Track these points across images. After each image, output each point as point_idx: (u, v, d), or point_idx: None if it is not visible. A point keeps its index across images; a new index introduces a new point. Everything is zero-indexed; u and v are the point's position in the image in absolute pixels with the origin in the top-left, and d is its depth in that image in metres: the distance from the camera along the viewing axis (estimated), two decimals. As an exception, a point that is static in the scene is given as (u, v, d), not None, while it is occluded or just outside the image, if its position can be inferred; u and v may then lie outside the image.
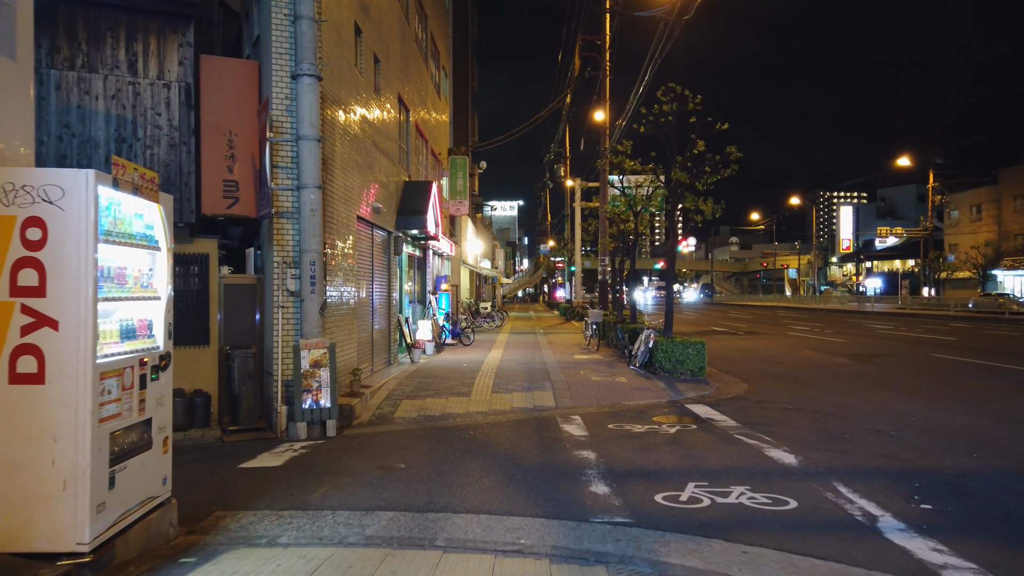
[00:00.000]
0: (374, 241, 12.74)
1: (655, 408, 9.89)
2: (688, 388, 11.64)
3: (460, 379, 12.33)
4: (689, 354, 12.97)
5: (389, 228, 13.73)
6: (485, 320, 27.55)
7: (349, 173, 10.58)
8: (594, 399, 10.54)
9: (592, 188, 36.44)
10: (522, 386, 11.59)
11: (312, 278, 8.29)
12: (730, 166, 13.52)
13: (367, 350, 12.16)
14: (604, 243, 22.32)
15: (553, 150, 44.11)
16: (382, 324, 13.38)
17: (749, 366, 15.13)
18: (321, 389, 8.19)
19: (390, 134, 13.86)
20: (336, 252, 9.84)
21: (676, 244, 14.35)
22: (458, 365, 14.37)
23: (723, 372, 13.90)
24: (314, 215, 8.30)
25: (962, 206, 63.65)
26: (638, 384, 11.96)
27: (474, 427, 8.56)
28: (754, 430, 8.15)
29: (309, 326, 8.32)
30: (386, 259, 13.78)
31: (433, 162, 21.26)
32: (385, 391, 11.00)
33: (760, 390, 11.65)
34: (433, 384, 11.74)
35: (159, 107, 8.40)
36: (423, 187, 15.39)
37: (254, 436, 8.48)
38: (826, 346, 19.81)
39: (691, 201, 13.59)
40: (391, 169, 13.97)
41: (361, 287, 11.67)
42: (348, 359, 10.38)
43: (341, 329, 10.04)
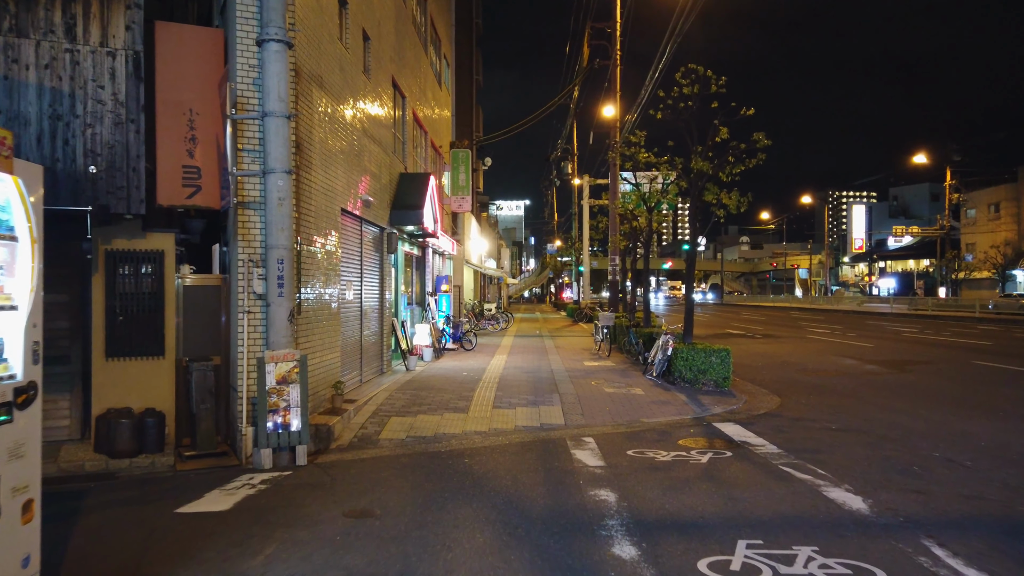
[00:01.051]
0: (364, 238, 11.51)
1: (679, 427, 8.62)
2: (713, 402, 10.37)
3: (458, 391, 11.09)
4: (712, 363, 11.70)
5: (382, 224, 12.51)
6: (489, 322, 26.30)
7: (332, 161, 9.36)
8: (608, 416, 9.29)
9: (601, 185, 35.18)
10: (527, 399, 10.34)
11: (280, 279, 7.06)
12: (757, 155, 12.26)
13: (354, 358, 10.94)
14: (615, 241, 21.06)
15: (560, 146, 42.85)
16: (373, 329, 12.15)
17: (774, 374, 13.83)
18: (290, 409, 6.96)
19: (383, 121, 12.64)
20: (315, 249, 8.61)
21: (697, 241, 13.09)
22: (457, 374, 13.14)
23: (747, 382, 12.63)
24: (282, 205, 7.08)
25: (980, 204, 62.01)
26: (656, 397, 10.69)
27: (470, 453, 7.31)
28: (801, 458, 6.87)
29: (276, 335, 7.08)
30: (378, 257, 12.55)
31: (434, 156, 20.03)
32: (373, 406, 9.77)
33: (794, 404, 10.37)
34: (428, 397, 10.50)
35: (102, 79, 7.18)
36: (420, 179, 14.16)
37: (213, 463, 7.26)
38: (853, 351, 18.48)
39: (714, 193, 12.31)
40: (384, 160, 12.75)
41: (347, 288, 10.44)
42: (329, 370, 9.15)
43: (321, 336, 8.82)
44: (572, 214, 45.32)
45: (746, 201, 12.23)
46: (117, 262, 7.58)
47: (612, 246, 21.71)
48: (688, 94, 12.19)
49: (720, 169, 12.34)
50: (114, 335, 7.53)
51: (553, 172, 48.03)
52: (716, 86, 12.09)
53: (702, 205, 13.07)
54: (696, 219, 13.01)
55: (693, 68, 12.24)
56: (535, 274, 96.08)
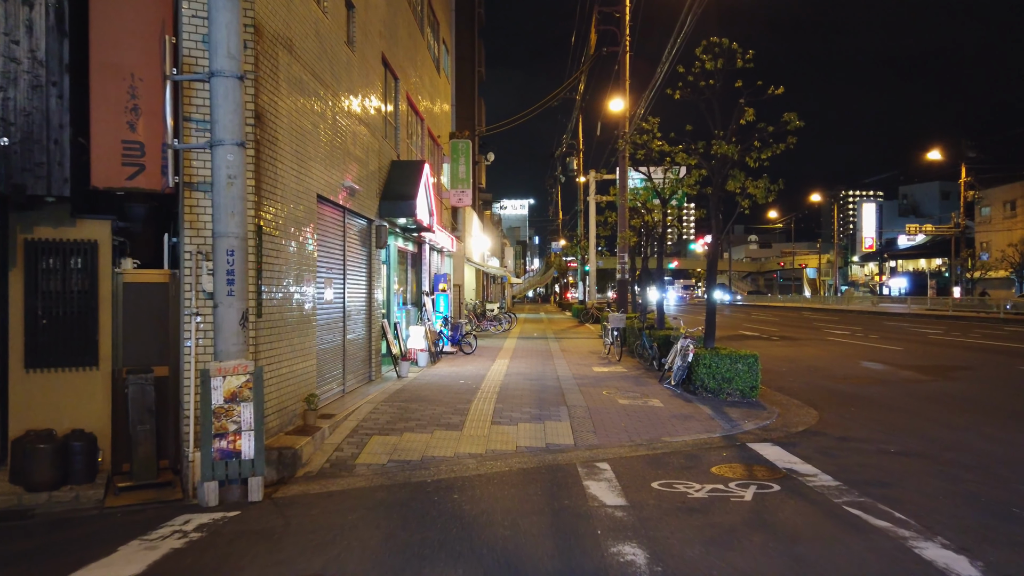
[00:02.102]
0: (348, 230, 10.26)
1: (708, 449, 7.35)
2: (742, 416, 9.10)
3: (453, 402, 9.83)
4: (739, 370, 10.42)
5: (369, 215, 11.26)
6: (491, 323, 25.04)
7: (305, 139, 8.11)
8: (625, 433, 8.02)
9: (608, 180, 33.88)
10: (531, 413, 9.07)
11: (230, 274, 5.81)
12: (787, 139, 10.97)
13: (335, 366, 9.68)
14: (624, 236, 19.78)
15: (565, 141, 41.58)
16: (359, 333, 10.90)
17: (802, 382, 12.54)
18: (241, 433, 5.71)
19: (371, 102, 11.39)
20: (282, 240, 7.36)
21: (719, 235, 11.79)
22: (454, 381, 11.87)
23: (775, 391, 11.35)
24: (232, 184, 5.83)
25: (995, 202, 60.44)
26: (677, 410, 9.41)
27: (462, 484, 6.05)
28: (867, 495, 5.59)
29: (225, 342, 5.83)
30: (365, 252, 11.30)
31: (431, 147, 18.79)
32: (353, 421, 8.51)
33: (836, 420, 9.08)
34: (418, 411, 9.23)
35: (16, 32, 5.95)
36: (413, 167, 12.90)
37: (152, 497, 6.03)
38: (882, 355, 17.16)
39: (739, 181, 11.01)
40: (372, 144, 11.50)
41: (327, 287, 9.20)
42: (302, 381, 7.90)
43: (290, 342, 7.56)
44: (577, 211, 44.05)
45: (776, 189, 10.93)
46: (40, 254, 6.34)
47: (621, 242, 20.42)
48: (711, 70, 10.92)
49: (746, 154, 11.07)
50: (36, 342, 6.29)
51: (558, 169, 46.77)
52: (742, 60, 10.81)
53: (725, 195, 11.78)
54: (719, 210, 11.71)
55: (716, 41, 10.97)
56: (539, 274, 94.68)
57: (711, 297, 11.81)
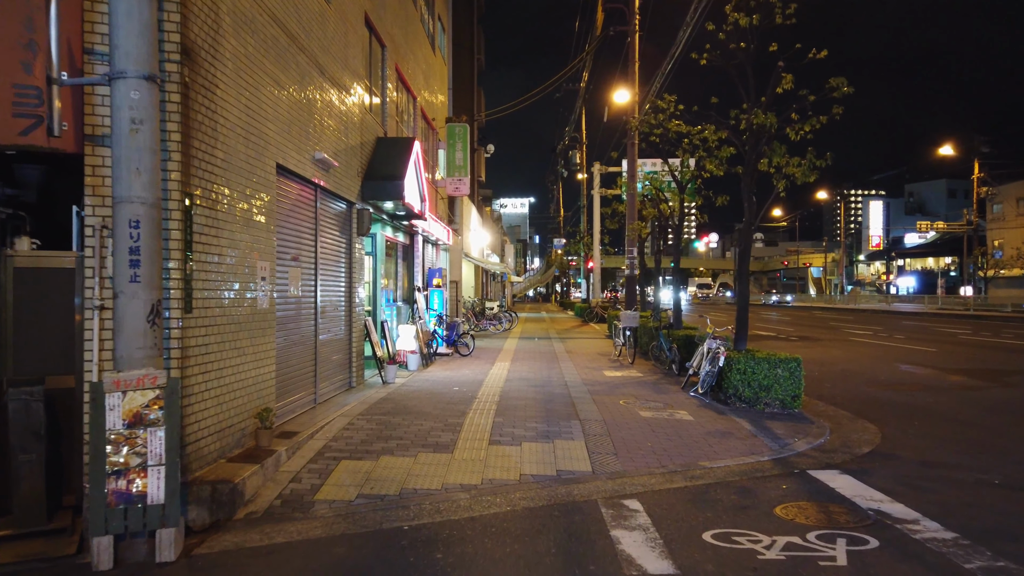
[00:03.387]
0: (321, 212, 8.74)
1: (761, 478, 5.84)
2: (789, 432, 7.59)
3: (445, 414, 8.30)
4: (779, 377, 8.92)
5: (349, 197, 9.74)
6: (491, 323, 23.51)
7: (259, 94, 6.59)
8: (653, 456, 6.51)
9: (613, 174, 32.40)
10: (536, 429, 7.55)
11: (134, 253, 4.30)
12: (831, 109, 9.46)
13: (304, 372, 8.17)
14: (635, 228, 18.24)
15: (568, 134, 40.04)
16: (336, 332, 9.38)
17: (842, 388, 11.04)
18: (147, 470, 4.20)
19: (351, 64, 9.87)
20: (225, 216, 5.84)
21: (753, 220, 10.26)
22: (447, 388, 10.35)
23: (814, 398, 9.85)
24: (138, 132, 4.31)
25: (1008, 199, 58.86)
26: (711, 424, 7.90)
27: (448, 536, 4.54)
28: (1001, 554, 4.08)
29: (127, 344, 4.32)
30: (344, 240, 9.78)
31: (425, 130, 17.26)
32: (321, 440, 6.99)
33: (902, 437, 7.57)
34: (401, 426, 7.71)
35: None
36: (401, 145, 11.37)
37: (38, 550, 4.51)
38: (918, 358, 15.64)
39: (779, 156, 9.48)
40: (352, 115, 9.99)
41: (291, 278, 7.68)
42: (253, 392, 6.39)
43: (237, 343, 6.05)
44: (580, 207, 42.49)
45: (823, 164, 9.39)
46: None
47: (631, 234, 18.88)
48: (745, 27, 9.42)
49: (787, 125, 9.56)
50: None
51: (560, 163, 45.22)
52: (782, 16, 9.31)
53: (758, 175, 10.26)
54: (751, 192, 10.18)
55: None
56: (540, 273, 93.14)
57: (743, 293, 10.29)
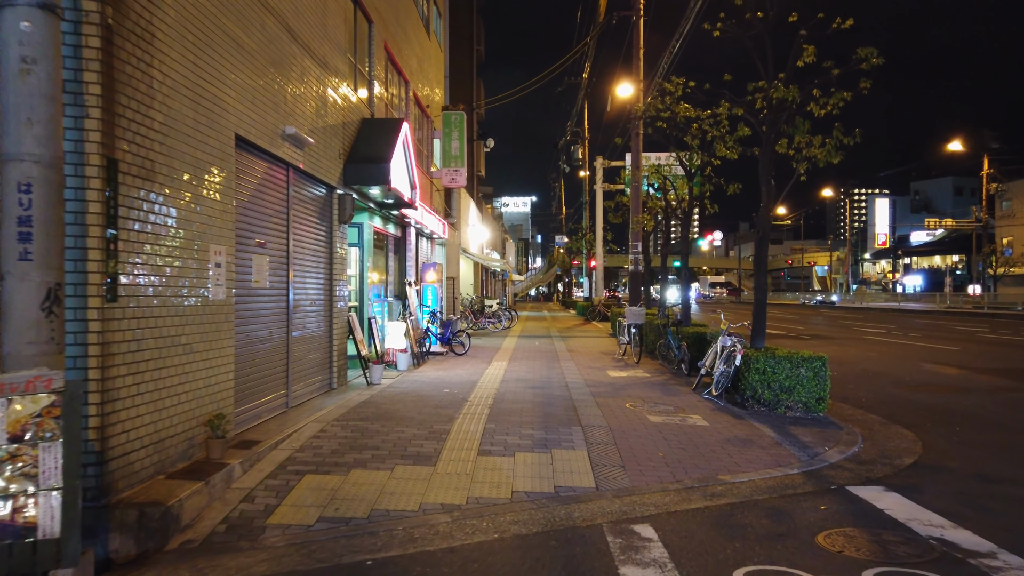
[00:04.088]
0: (294, 195, 7.89)
1: (794, 496, 4.98)
2: (815, 438, 6.73)
3: (431, 420, 7.44)
4: (802, 377, 8.05)
5: (328, 180, 8.89)
6: (489, 320, 22.64)
7: (212, 52, 5.73)
8: (666, 468, 5.65)
9: (615, 168, 31.52)
10: (533, 437, 6.69)
11: (25, 224, 3.44)
12: (859, 83, 8.59)
13: (274, 373, 7.31)
14: (639, 221, 17.37)
15: (570, 129, 39.15)
16: (313, 329, 8.53)
17: (867, 389, 10.17)
18: (38, 496, 3.34)
19: (330, 35, 9.02)
20: (162, 189, 4.99)
21: (772, 205, 9.37)
22: (436, 390, 9.49)
23: (839, 401, 8.99)
24: (31, 73, 3.45)
25: (1017, 196, 57.83)
26: (728, 430, 7.03)
27: (421, 571, 3.69)
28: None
29: (14, 339, 3.46)
30: (324, 229, 8.93)
31: (419, 117, 16.41)
32: (286, 451, 6.13)
33: (946, 445, 6.71)
34: (380, 434, 6.84)
35: None
36: (388, 126, 10.51)
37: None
38: (940, 356, 14.75)
39: (802, 133, 8.60)
40: (335, 93, 9.14)
41: (255, 267, 6.83)
42: (206, 396, 5.53)
43: (181, 339, 5.19)
44: (582, 203, 41.60)
45: (851, 142, 8.50)
46: None
47: (634, 227, 17.99)
48: (763, -8, 8.56)
49: (809, 101, 8.69)
50: None
51: (562, 158, 44.33)
52: (805, -21, 8.45)
53: (775, 157, 9.39)
54: (769, 175, 9.31)
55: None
56: (542, 272, 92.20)
57: (761, 286, 9.42)
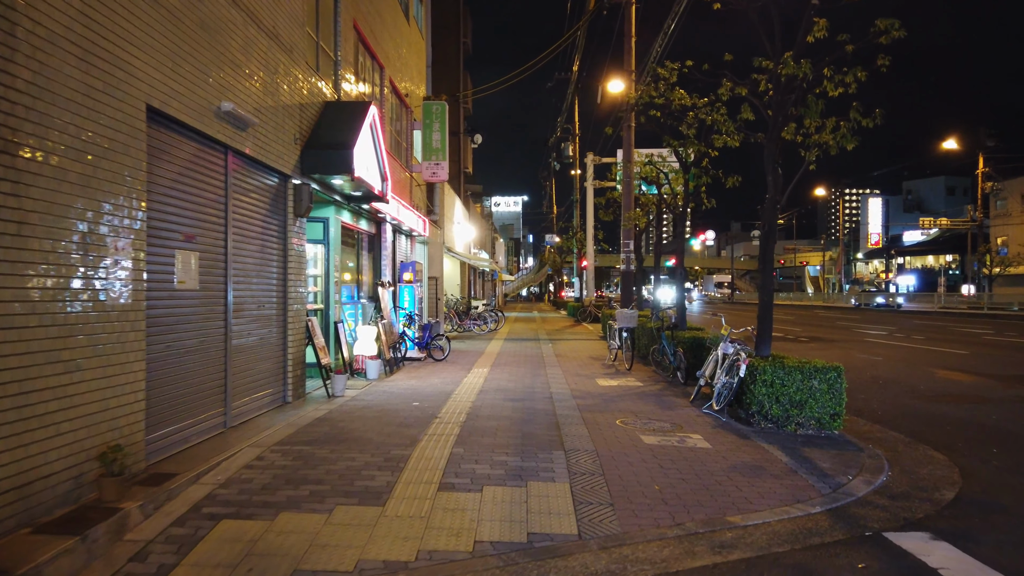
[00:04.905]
0: (234, 183, 6.86)
1: (820, 546, 4.01)
2: (835, 463, 5.77)
3: (389, 443, 6.42)
4: (814, 390, 7.10)
5: (281, 167, 7.86)
6: (475, 323, 21.63)
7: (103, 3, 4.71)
8: (663, 506, 4.67)
9: (607, 164, 30.57)
10: (507, 465, 5.68)
11: None
12: (878, 58, 7.63)
13: (207, 388, 6.27)
14: (630, 218, 16.40)
15: (560, 125, 38.18)
16: (262, 335, 7.50)
17: (882, 400, 9.24)
18: None
19: (284, 3, 7.99)
20: (31, 160, 3.96)
21: (779, 198, 8.40)
22: (404, 404, 8.47)
23: (852, 414, 8.04)
24: None
25: (1012, 195, 57.22)
26: (734, 453, 6.05)
27: None
28: None
29: None
30: (276, 222, 7.91)
31: (396, 106, 15.38)
32: (206, 486, 5.10)
33: (990, 472, 5.76)
34: (325, 462, 5.81)
35: None
36: (352, 110, 9.49)
37: None
38: (951, 361, 13.86)
39: (816, 114, 7.63)
40: (290, 70, 8.11)
41: (184, 265, 5.80)
42: (110, 422, 4.50)
43: (62, 352, 4.17)
44: (573, 201, 40.64)
45: (870, 124, 7.52)
46: None
47: (626, 224, 17.02)
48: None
49: (819, 83, 7.73)
50: None
51: (553, 155, 43.34)
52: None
53: (781, 144, 8.43)
54: (776, 163, 8.34)
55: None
56: (533, 272, 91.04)
57: (767, 286, 8.45)
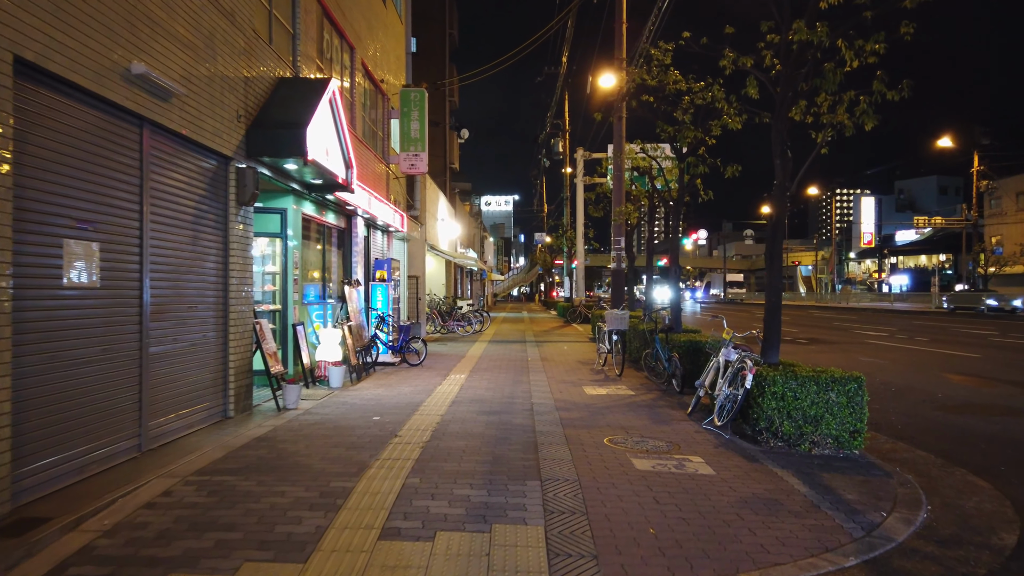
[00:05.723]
0: (151, 161, 5.83)
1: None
2: (862, 494, 4.79)
3: (330, 471, 5.40)
4: (831, 403, 6.14)
5: (221, 148, 6.83)
6: (459, 324, 20.60)
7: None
8: (660, 557, 3.68)
9: (597, 160, 29.65)
10: (469, 501, 4.67)
11: None
12: (901, 25, 6.67)
13: (114, 405, 5.24)
14: (622, 212, 15.41)
15: (549, 120, 37.22)
16: (194, 340, 6.47)
17: (899, 411, 8.31)
18: None
19: (224, -38, 6.97)
20: None
21: (789, 184, 7.42)
22: (363, 419, 7.45)
23: (871, 429, 7.06)
24: None
25: (1007, 193, 56.63)
26: (742, 482, 5.06)
27: None
28: None
29: None
30: (216, 210, 6.88)
31: (370, 91, 14.36)
32: (87, 534, 4.06)
33: (1056, 509, 4.79)
34: (247, 498, 4.78)
35: None
36: (309, 86, 8.45)
37: None
38: (964, 366, 12.95)
39: (834, 84, 6.66)
40: (232, 35, 7.09)
41: (72, 258, 4.77)
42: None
43: None
44: (563, 199, 39.67)
45: (896, 95, 6.55)
46: None
47: (617, 219, 16.03)
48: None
49: (834, 54, 6.77)
50: None
51: (542, 152, 42.37)
52: None
53: (789, 127, 7.46)
54: (784, 145, 7.37)
55: None
56: (524, 271, 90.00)
57: (774, 284, 7.48)
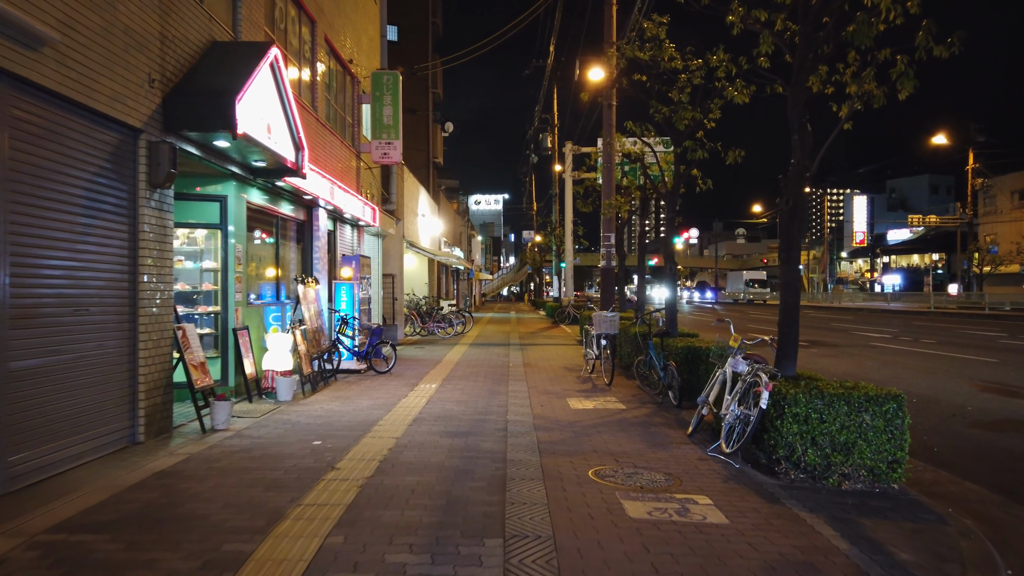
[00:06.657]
0: (11, 125, 4.62)
1: None
2: (918, 553, 3.62)
3: (227, 526, 4.20)
4: (866, 427, 5.02)
5: (126, 118, 5.63)
6: (438, 326, 19.40)
7: None
8: None
9: (586, 154, 28.54)
10: (405, 574, 3.49)
11: None
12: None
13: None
14: (611, 206, 14.27)
15: (538, 115, 36.08)
16: (89, 349, 5.26)
17: (928, 427, 7.24)
18: None
19: None
20: None
21: (808, 163, 6.30)
22: (301, 444, 6.25)
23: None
24: None
25: (1002, 191, 55.96)
26: (762, 535, 3.90)
27: None
28: None
29: None
30: (120, 193, 5.67)
31: (338, 73, 13.15)
32: None
33: None
34: (104, 571, 3.59)
35: None
36: (245, 51, 7.24)
37: None
38: (985, 372, 11.88)
39: (868, 38, 5.51)
40: None
41: None
42: None
43: None
44: (552, 196, 38.53)
45: (944, 51, 5.40)
46: None
47: (607, 213, 14.89)
48: None
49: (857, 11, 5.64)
50: None
51: (531, 147, 41.21)
52: None
53: (805, 98, 6.34)
54: (803, 119, 6.23)
55: None
56: (513, 271, 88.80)
57: (791, 281, 6.36)
